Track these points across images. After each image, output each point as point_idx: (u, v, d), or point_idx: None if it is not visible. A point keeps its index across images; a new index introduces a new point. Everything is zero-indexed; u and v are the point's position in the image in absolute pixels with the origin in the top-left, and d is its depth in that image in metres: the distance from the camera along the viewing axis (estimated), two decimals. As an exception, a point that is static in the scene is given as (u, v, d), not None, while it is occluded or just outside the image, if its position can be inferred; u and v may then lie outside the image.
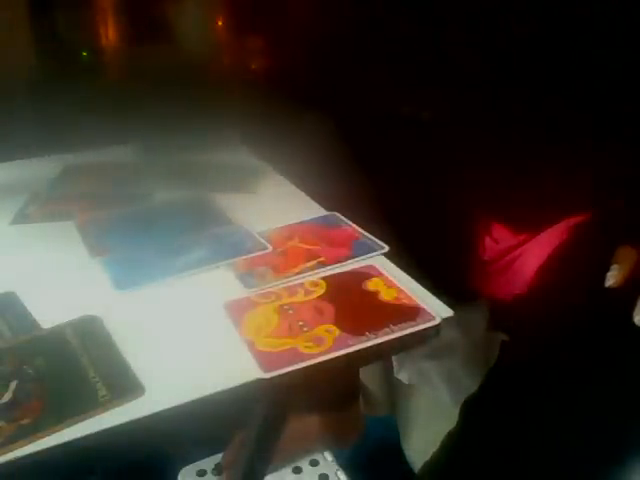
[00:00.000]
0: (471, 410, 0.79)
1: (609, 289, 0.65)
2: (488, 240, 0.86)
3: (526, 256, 0.82)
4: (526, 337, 0.78)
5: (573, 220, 0.79)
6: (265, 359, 0.51)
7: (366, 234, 0.71)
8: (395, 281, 0.61)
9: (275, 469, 1.00)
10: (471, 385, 0.85)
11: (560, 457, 0.67)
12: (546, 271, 0.79)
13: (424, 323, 0.54)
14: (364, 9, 0.84)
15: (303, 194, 0.82)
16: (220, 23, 1.17)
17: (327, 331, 0.54)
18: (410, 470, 0.95)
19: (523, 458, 0.69)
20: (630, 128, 0.72)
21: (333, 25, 0.89)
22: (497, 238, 0.85)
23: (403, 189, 0.81)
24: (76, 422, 0.45)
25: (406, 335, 0.53)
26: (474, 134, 0.82)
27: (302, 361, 0.50)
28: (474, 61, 0.79)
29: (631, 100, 0.72)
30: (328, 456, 1.03)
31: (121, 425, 0.45)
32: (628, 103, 0.72)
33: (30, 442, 0.43)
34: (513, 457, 0.70)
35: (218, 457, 1.01)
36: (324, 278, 0.63)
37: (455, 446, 0.79)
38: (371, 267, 0.64)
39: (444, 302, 0.57)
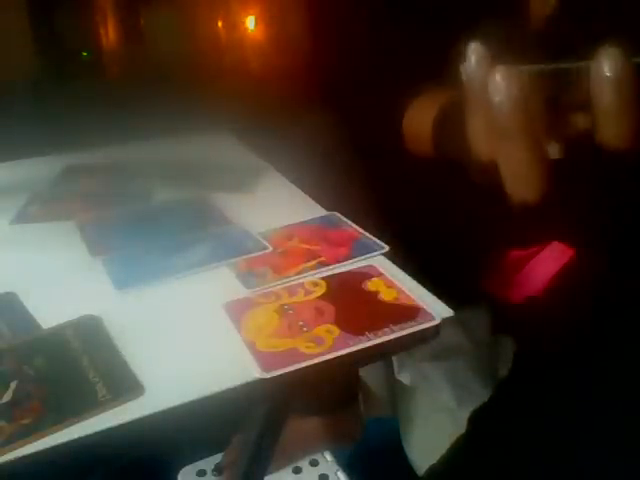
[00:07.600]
0: (481, 420, 0.76)
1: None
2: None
3: (542, 255, 0.78)
4: (541, 343, 0.74)
5: None
6: (265, 359, 0.51)
7: (366, 234, 0.71)
8: (395, 281, 0.61)
9: (275, 469, 1.00)
10: (473, 386, 0.84)
11: (578, 473, 0.63)
12: (568, 269, 0.74)
13: (424, 323, 0.54)
14: (368, 9, 0.83)
15: (303, 194, 0.82)
16: (220, 23, 1.17)
17: (327, 331, 0.54)
18: (410, 470, 0.95)
19: (536, 472, 0.66)
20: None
21: (336, 24, 0.89)
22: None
23: (407, 188, 0.80)
24: (76, 422, 0.45)
25: (406, 335, 0.53)
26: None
27: (302, 361, 0.50)
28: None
29: None
30: (328, 456, 1.03)
31: (121, 425, 0.45)
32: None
33: (30, 442, 0.43)
34: (525, 471, 0.67)
35: (218, 457, 1.02)
36: (324, 278, 0.63)
37: (462, 455, 0.77)
38: (371, 267, 0.64)
39: (445, 303, 0.57)
